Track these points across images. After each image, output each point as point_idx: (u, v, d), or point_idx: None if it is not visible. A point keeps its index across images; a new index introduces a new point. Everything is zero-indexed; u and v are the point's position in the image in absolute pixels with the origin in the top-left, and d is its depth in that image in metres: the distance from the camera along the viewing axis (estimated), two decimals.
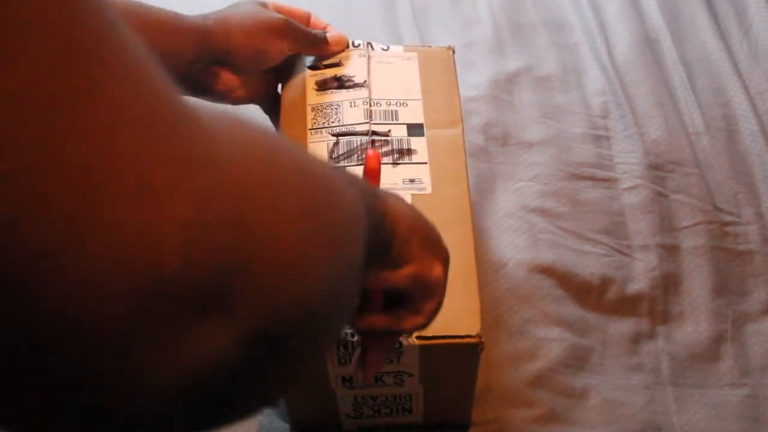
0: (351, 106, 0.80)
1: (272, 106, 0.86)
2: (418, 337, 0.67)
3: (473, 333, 0.67)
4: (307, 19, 0.86)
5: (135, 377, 0.25)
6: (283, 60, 0.83)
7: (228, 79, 0.80)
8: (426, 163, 0.77)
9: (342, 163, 0.76)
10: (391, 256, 0.49)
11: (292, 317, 0.30)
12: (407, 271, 0.51)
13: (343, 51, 0.85)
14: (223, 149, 0.28)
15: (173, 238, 0.24)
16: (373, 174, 0.63)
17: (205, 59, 0.78)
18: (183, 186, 0.25)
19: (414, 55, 0.86)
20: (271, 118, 0.88)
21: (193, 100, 0.28)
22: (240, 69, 0.80)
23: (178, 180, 0.25)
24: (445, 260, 0.54)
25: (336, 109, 0.81)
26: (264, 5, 0.82)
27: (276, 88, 0.87)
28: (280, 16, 0.80)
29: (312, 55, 0.85)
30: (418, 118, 0.80)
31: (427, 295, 0.54)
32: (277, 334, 0.29)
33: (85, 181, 0.22)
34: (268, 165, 0.31)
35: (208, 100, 0.82)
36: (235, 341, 0.27)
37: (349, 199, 0.39)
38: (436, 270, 0.53)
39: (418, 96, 0.82)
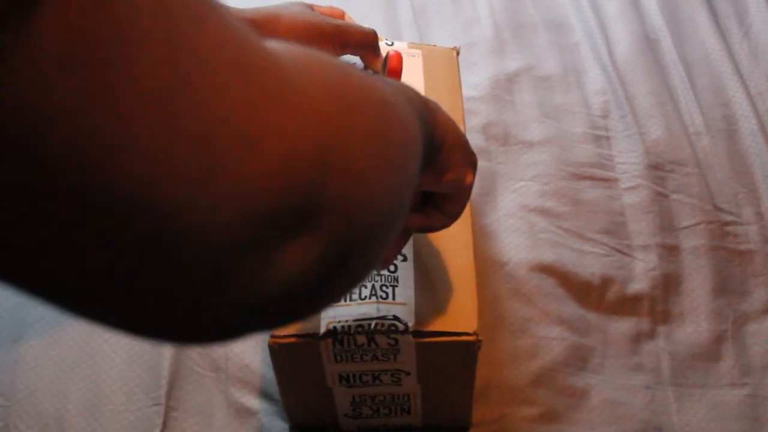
0: None
1: None
2: (414, 335, 0.67)
3: (470, 331, 0.67)
4: (341, 16, 0.85)
5: (251, 277, 0.30)
6: None
7: None
8: None
9: None
10: (437, 162, 0.53)
11: (366, 228, 0.35)
12: (449, 177, 0.55)
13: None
14: (302, 84, 0.31)
15: (273, 171, 0.29)
16: (395, 73, 0.64)
17: None
18: (275, 126, 0.29)
19: (418, 52, 0.85)
20: None
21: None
22: None
23: (271, 123, 0.29)
24: (475, 168, 0.58)
25: None
26: (312, 8, 0.80)
27: None
28: (330, 21, 0.78)
29: (362, 55, 0.82)
30: None
31: (457, 198, 0.59)
32: (353, 244, 0.34)
33: (206, 133, 0.27)
34: (340, 93, 0.34)
35: None
36: (322, 248, 0.32)
37: (409, 118, 0.42)
38: (469, 177, 0.58)
39: (421, 92, 0.81)
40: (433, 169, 0.54)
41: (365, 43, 0.81)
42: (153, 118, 0.25)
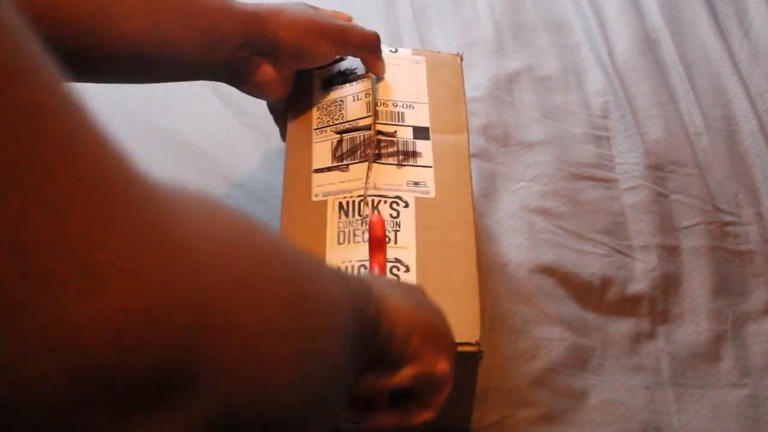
0: (354, 101, 0.80)
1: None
2: None
3: (472, 341, 0.66)
4: (347, 20, 0.84)
5: None
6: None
7: (268, 71, 0.78)
8: (430, 167, 0.77)
9: (345, 161, 0.76)
10: (389, 358, 0.48)
11: (254, 413, 0.28)
12: (408, 372, 0.50)
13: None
14: (180, 226, 0.26)
15: (112, 323, 0.22)
16: (378, 242, 0.62)
17: (251, 47, 0.76)
18: (128, 267, 0.23)
19: (422, 59, 0.85)
20: (278, 122, 0.87)
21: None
22: (281, 64, 0.79)
23: (122, 261, 0.23)
24: (449, 352, 0.53)
25: (340, 105, 0.80)
26: (316, 9, 0.80)
27: None
28: (333, 20, 0.79)
29: (363, 57, 0.82)
30: (424, 122, 0.80)
31: (433, 389, 0.53)
32: (235, 430, 0.27)
33: (20, 265, 0.21)
34: (234, 247, 0.29)
35: (243, 90, 0.81)
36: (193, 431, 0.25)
37: (330, 294, 0.37)
38: (441, 365, 0.52)
39: (425, 100, 0.81)
40: (383, 366, 0.48)
41: (365, 44, 0.81)
42: None
